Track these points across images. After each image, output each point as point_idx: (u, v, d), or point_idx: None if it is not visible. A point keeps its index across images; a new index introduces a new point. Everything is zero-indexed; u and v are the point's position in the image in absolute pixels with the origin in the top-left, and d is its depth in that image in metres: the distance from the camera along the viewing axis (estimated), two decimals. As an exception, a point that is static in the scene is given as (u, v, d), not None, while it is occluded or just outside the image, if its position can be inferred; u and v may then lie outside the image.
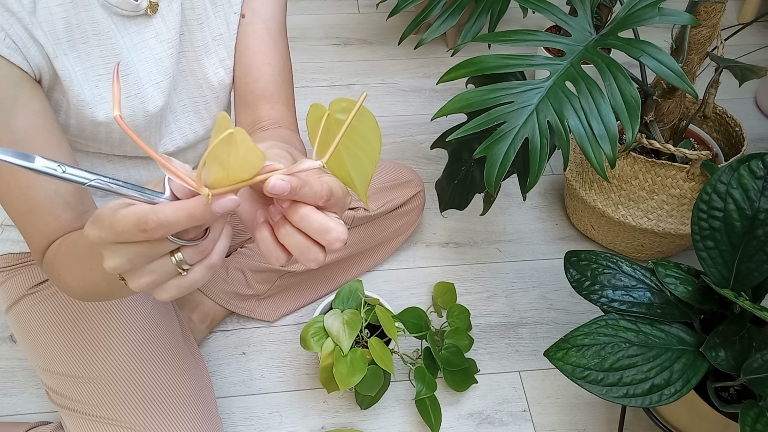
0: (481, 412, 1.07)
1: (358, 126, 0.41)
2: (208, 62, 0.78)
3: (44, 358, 0.87)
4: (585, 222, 1.31)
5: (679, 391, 0.77)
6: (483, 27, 1.17)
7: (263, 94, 0.79)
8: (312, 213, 0.40)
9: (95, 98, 0.67)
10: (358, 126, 0.41)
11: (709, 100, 1.16)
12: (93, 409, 0.83)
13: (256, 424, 1.04)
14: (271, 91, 0.79)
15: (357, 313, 0.98)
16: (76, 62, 0.65)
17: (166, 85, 0.73)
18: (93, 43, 0.66)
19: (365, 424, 1.05)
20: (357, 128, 0.41)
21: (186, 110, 0.79)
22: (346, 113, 0.41)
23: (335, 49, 1.84)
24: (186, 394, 0.86)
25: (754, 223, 0.81)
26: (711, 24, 1.04)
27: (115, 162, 0.79)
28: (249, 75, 0.78)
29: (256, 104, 0.79)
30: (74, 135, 0.70)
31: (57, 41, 0.63)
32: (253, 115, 0.79)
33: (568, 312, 1.21)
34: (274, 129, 0.77)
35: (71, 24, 0.63)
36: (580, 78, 0.87)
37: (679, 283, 0.85)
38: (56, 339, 0.86)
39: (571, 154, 1.28)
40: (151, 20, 0.70)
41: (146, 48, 0.70)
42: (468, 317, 1.11)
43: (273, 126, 0.78)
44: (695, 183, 1.11)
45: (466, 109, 0.88)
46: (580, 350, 0.81)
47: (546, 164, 0.87)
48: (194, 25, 0.74)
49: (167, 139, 0.79)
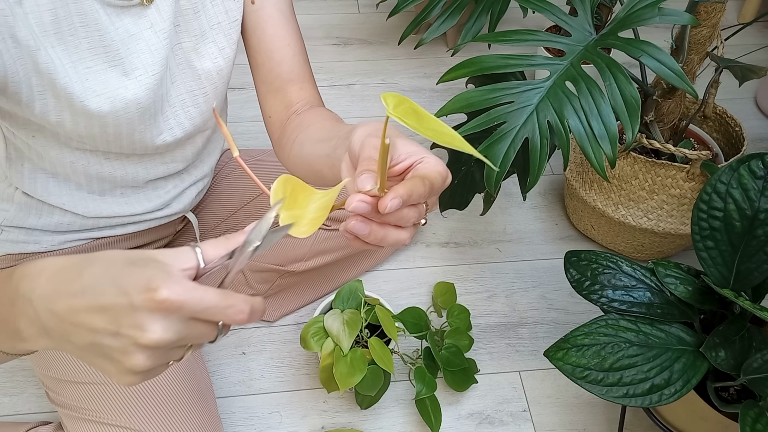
0: (481, 412, 1.07)
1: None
2: (205, 51, 0.77)
3: (43, 362, 0.87)
4: (585, 222, 1.31)
5: (679, 391, 0.77)
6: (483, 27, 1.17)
7: (290, 76, 0.79)
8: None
9: (86, 91, 0.67)
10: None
11: (709, 100, 1.16)
12: (92, 411, 0.83)
13: (256, 424, 1.04)
14: (297, 72, 0.80)
15: (357, 313, 0.98)
16: (63, 55, 0.64)
17: (160, 76, 0.73)
18: (80, 35, 0.65)
19: (365, 424, 1.05)
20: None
21: (185, 105, 0.79)
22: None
23: (335, 49, 1.84)
24: (186, 394, 0.86)
25: (754, 223, 0.81)
26: (711, 24, 1.04)
27: (111, 160, 0.78)
28: (272, 60, 0.79)
29: (285, 88, 0.79)
30: (70, 131, 0.70)
31: (44, 33, 0.62)
32: (284, 100, 0.80)
33: (568, 312, 1.21)
34: (308, 111, 0.78)
35: (59, 16, 0.62)
36: (580, 78, 0.87)
37: (679, 283, 0.85)
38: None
39: (571, 154, 1.28)
40: (146, 10, 0.69)
41: (141, 39, 0.70)
42: (468, 317, 1.11)
43: (306, 107, 0.79)
44: (695, 183, 1.11)
45: (466, 109, 0.88)
46: (580, 350, 0.81)
47: (546, 164, 0.87)
48: (190, 14, 0.74)
49: (167, 134, 0.79)
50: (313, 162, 0.68)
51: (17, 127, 0.70)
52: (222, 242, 0.44)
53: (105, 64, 0.68)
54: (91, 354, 0.42)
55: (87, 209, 0.83)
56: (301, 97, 0.80)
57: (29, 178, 0.78)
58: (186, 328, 0.40)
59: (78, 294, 0.40)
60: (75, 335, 0.41)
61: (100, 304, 0.39)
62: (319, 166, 0.66)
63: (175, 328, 0.39)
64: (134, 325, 0.39)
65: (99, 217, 0.85)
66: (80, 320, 0.40)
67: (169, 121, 0.78)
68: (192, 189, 0.93)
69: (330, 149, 0.63)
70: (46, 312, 0.41)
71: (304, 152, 0.71)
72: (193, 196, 0.94)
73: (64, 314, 0.41)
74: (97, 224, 0.87)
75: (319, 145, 0.68)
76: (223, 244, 0.44)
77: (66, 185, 0.80)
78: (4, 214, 0.82)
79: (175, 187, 0.90)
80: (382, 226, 0.46)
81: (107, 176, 0.80)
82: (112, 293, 0.39)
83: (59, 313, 0.41)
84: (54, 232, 0.85)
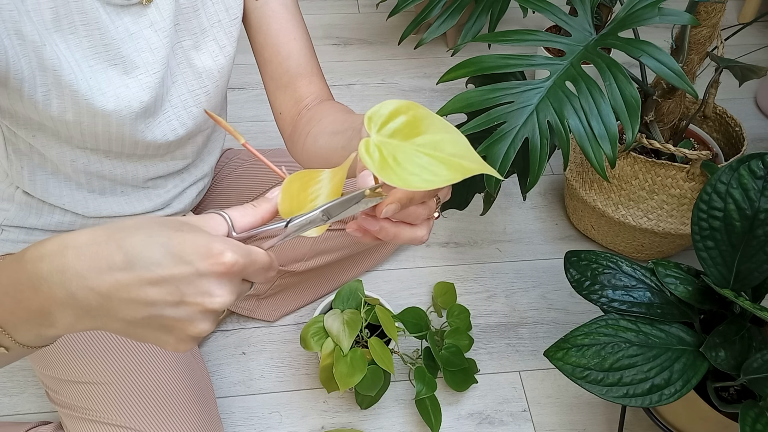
0: (481, 412, 1.07)
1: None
2: (206, 49, 0.77)
3: (43, 362, 0.87)
4: (585, 222, 1.31)
5: (679, 391, 0.77)
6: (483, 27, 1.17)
7: (298, 70, 0.79)
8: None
9: (91, 89, 0.67)
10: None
11: (709, 100, 1.16)
12: (92, 411, 0.83)
13: (256, 424, 1.04)
14: (305, 66, 0.79)
15: (357, 313, 0.98)
16: (66, 52, 0.64)
17: (161, 75, 0.73)
18: (81, 34, 0.65)
19: (365, 424, 1.05)
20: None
21: (187, 104, 0.79)
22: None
23: (335, 49, 1.84)
24: (186, 394, 0.86)
25: (754, 223, 0.81)
26: (711, 24, 1.04)
27: (112, 158, 0.78)
28: (279, 55, 0.79)
29: (294, 83, 0.79)
30: (72, 129, 0.70)
31: (46, 31, 0.62)
32: (293, 95, 0.79)
33: (568, 312, 1.21)
34: (318, 105, 0.77)
35: (59, 14, 0.62)
36: (580, 78, 0.87)
37: (679, 283, 0.85)
38: (55, 343, 0.86)
39: (571, 154, 1.28)
40: (146, 9, 0.69)
41: (142, 38, 0.70)
42: (468, 317, 1.11)
43: (316, 101, 0.79)
44: (695, 183, 1.11)
45: (466, 109, 0.88)
46: (580, 350, 0.81)
47: (546, 164, 0.87)
48: (189, 12, 0.74)
49: (169, 133, 0.79)
50: (329, 155, 0.68)
51: (18, 127, 0.70)
52: (250, 210, 0.44)
53: (106, 62, 0.68)
54: (143, 328, 0.40)
55: (87, 208, 0.83)
56: (311, 91, 0.79)
57: (29, 178, 0.78)
58: (241, 288, 0.42)
59: (125, 268, 0.38)
60: (126, 311, 0.39)
61: (158, 276, 0.38)
62: (336, 159, 0.66)
63: (237, 289, 0.41)
64: (200, 292, 0.39)
65: (99, 216, 0.85)
66: (134, 295, 0.38)
67: (172, 122, 0.78)
68: (192, 188, 0.93)
69: (345, 141, 0.63)
70: (85, 291, 0.39)
71: (318, 145, 0.71)
72: (194, 195, 0.94)
73: (110, 291, 0.38)
74: (97, 224, 0.86)
75: (334, 137, 0.67)
76: (251, 212, 0.44)
77: (66, 184, 0.80)
78: (5, 214, 0.82)
79: (176, 186, 0.90)
80: (395, 223, 0.46)
81: (107, 174, 0.80)
82: (170, 263, 0.38)
83: (104, 290, 0.38)
84: (54, 232, 0.85)
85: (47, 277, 0.39)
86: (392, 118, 0.40)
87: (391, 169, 0.38)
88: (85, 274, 0.39)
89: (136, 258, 0.38)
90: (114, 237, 0.39)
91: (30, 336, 0.43)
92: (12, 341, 0.43)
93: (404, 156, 0.39)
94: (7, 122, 0.70)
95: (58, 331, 0.42)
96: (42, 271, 0.39)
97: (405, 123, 0.40)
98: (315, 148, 0.72)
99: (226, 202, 1.10)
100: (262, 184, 1.09)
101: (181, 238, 0.39)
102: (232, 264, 0.39)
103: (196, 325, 0.40)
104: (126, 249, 0.38)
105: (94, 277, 0.38)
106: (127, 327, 0.41)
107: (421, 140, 0.40)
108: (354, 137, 0.61)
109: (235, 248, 0.40)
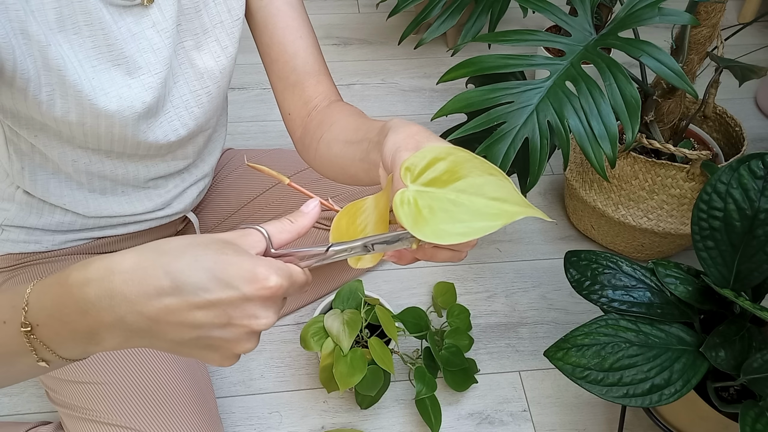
0: (481, 412, 1.07)
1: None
2: (208, 49, 0.77)
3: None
4: (585, 222, 1.31)
5: (679, 391, 0.77)
6: (483, 27, 1.17)
7: (305, 69, 0.78)
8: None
9: (95, 90, 0.67)
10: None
11: (709, 100, 1.16)
12: (92, 411, 0.83)
13: (256, 424, 1.04)
14: (312, 64, 0.79)
15: (357, 313, 0.98)
16: (70, 53, 0.64)
17: (164, 76, 0.73)
18: (85, 34, 0.65)
19: (365, 424, 1.05)
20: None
21: (189, 105, 0.79)
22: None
23: (335, 49, 1.84)
24: (186, 394, 0.86)
25: (754, 223, 0.81)
26: (711, 24, 1.04)
27: (113, 158, 0.78)
28: (286, 53, 0.78)
29: (301, 82, 0.78)
30: (74, 130, 0.70)
31: (50, 31, 0.62)
32: (301, 95, 0.78)
33: (568, 312, 1.21)
34: (328, 108, 0.77)
35: (63, 14, 0.62)
36: (580, 78, 0.87)
37: (679, 283, 0.85)
38: None
39: (571, 154, 1.28)
40: (148, 10, 0.69)
41: (144, 38, 0.70)
42: (468, 317, 1.11)
43: (325, 102, 0.78)
44: (695, 183, 1.11)
45: (466, 109, 0.88)
46: (580, 350, 0.81)
47: (546, 164, 0.87)
48: (191, 12, 0.74)
49: (171, 134, 0.79)
50: (345, 165, 0.68)
51: (20, 127, 0.70)
52: (287, 226, 0.45)
53: (109, 63, 0.68)
54: (190, 347, 0.42)
55: (88, 208, 0.83)
56: (319, 91, 0.78)
57: (30, 178, 0.78)
58: (282, 306, 0.44)
59: (172, 293, 0.39)
60: (175, 333, 0.41)
61: (206, 300, 0.39)
62: (354, 170, 0.65)
63: (280, 308, 0.43)
64: (247, 315, 0.41)
65: (100, 216, 0.85)
66: (182, 319, 0.40)
67: (173, 122, 0.78)
68: (193, 189, 0.93)
69: (362, 153, 0.62)
70: (135, 315, 0.40)
71: (332, 154, 0.70)
72: (195, 195, 0.94)
73: (159, 315, 0.40)
74: (98, 224, 0.87)
75: (349, 147, 0.67)
76: (288, 227, 0.45)
77: (67, 184, 0.80)
78: (5, 214, 0.82)
79: (176, 186, 0.90)
80: (433, 247, 0.47)
81: (109, 174, 0.80)
82: (217, 288, 0.39)
83: (152, 315, 0.40)
84: (55, 232, 0.86)
85: (95, 302, 0.40)
86: (431, 165, 0.40)
87: (425, 223, 0.38)
88: (133, 300, 0.39)
89: (184, 283, 0.39)
90: (160, 261, 0.40)
91: (75, 352, 0.44)
92: (55, 356, 0.44)
93: (440, 205, 0.38)
94: (9, 122, 0.70)
95: (105, 348, 0.43)
96: (89, 296, 0.40)
97: (445, 169, 0.39)
98: (329, 156, 0.71)
99: (226, 202, 1.10)
100: (262, 184, 1.09)
101: (226, 262, 0.40)
102: (277, 288, 0.41)
103: (242, 344, 0.42)
104: (173, 274, 0.39)
105: (143, 302, 0.39)
106: (175, 346, 0.42)
107: (462, 184, 0.39)
108: (371, 150, 0.60)
109: (278, 271, 0.41)
